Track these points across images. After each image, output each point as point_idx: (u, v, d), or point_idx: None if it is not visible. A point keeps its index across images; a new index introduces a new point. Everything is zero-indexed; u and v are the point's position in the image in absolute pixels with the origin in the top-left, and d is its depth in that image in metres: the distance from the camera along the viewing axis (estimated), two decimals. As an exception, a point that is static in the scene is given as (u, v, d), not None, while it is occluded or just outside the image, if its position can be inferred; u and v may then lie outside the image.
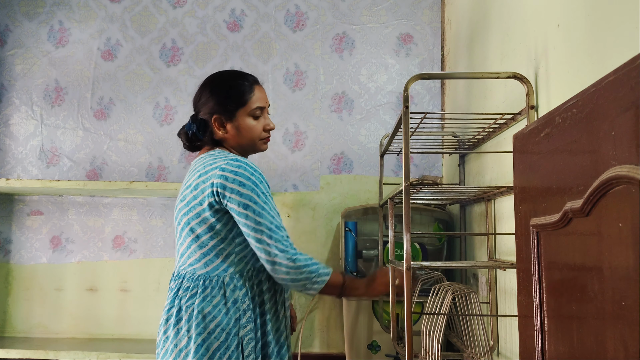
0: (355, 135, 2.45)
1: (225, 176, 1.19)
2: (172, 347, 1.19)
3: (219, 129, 1.31)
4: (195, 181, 1.23)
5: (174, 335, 1.20)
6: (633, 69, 0.56)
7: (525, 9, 1.33)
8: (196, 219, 1.22)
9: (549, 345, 0.82)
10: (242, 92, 1.31)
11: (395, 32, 2.49)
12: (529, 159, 0.90)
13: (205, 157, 1.28)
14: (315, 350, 2.35)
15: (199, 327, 1.17)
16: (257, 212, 1.18)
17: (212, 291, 1.20)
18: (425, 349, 1.28)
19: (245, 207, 1.18)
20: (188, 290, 1.22)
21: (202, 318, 1.17)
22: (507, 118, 1.37)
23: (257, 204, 1.18)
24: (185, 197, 1.25)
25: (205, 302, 1.19)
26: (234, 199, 1.18)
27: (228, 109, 1.30)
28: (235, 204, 1.18)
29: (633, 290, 0.56)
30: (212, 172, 1.21)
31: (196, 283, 1.22)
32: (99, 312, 2.43)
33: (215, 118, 1.30)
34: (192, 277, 1.23)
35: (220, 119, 1.30)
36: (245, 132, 1.31)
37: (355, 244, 2.02)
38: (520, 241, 0.94)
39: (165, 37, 2.55)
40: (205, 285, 1.21)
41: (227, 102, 1.30)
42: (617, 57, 0.85)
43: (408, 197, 1.20)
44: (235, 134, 1.31)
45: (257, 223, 1.18)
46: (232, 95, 1.31)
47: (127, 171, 2.49)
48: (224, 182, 1.18)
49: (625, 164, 0.57)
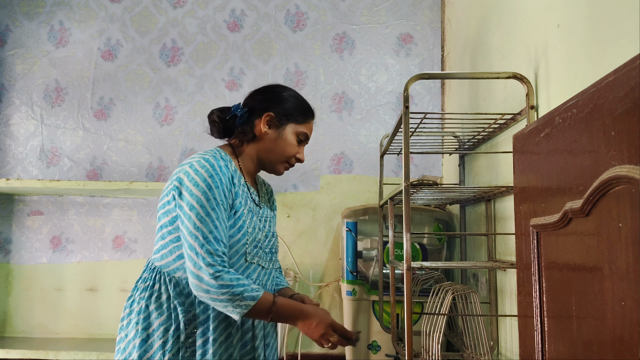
0: (355, 136, 2.45)
1: (187, 172, 1.15)
2: (124, 337, 1.19)
3: (264, 125, 1.27)
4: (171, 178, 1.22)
5: (126, 324, 1.19)
6: (633, 69, 0.56)
7: (525, 9, 1.33)
8: (162, 209, 1.20)
9: (549, 345, 0.82)
10: (304, 111, 1.31)
11: (395, 32, 2.49)
12: (529, 159, 0.90)
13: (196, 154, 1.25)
14: (315, 350, 2.35)
15: (145, 322, 1.15)
16: (199, 217, 1.11)
17: (160, 287, 1.18)
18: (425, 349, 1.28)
19: (191, 208, 1.11)
20: (144, 281, 1.21)
21: (147, 314, 1.16)
22: (507, 118, 1.37)
23: (204, 207, 1.11)
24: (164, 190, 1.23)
25: (153, 297, 1.17)
26: (185, 197, 1.13)
27: (284, 115, 1.27)
28: (184, 203, 1.13)
29: (633, 290, 0.56)
30: (184, 165, 1.18)
31: (150, 275, 1.20)
32: (99, 312, 2.43)
33: (268, 114, 1.27)
34: (150, 268, 1.22)
35: (272, 119, 1.27)
36: (281, 143, 1.28)
37: (355, 244, 2.02)
38: (520, 241, 0.94)
39: (166, 37, 2.55)
40: (156, 280, 1.19)
41: (287, 109, 1.28)
42: (617, 57, 0.85)
43: (408, 197, 1.20)
44: (271, 140, 1.27)
45: (195, 227, 1.10)
46: (295, 108, 1.30)
47: (127, 171, 2.49)
48: (183, 178, 1.15)
49: (625, 164, 0.57)
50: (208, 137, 2.47)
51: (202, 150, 1.27)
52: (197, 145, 2.49)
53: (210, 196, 1.12)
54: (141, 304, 1.17)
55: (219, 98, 2.50)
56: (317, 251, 2.40)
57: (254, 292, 1.12)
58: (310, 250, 2.39)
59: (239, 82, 2.50)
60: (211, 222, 1.11)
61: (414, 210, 2.03)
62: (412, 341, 1.18)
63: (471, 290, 1.34)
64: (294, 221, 2.42)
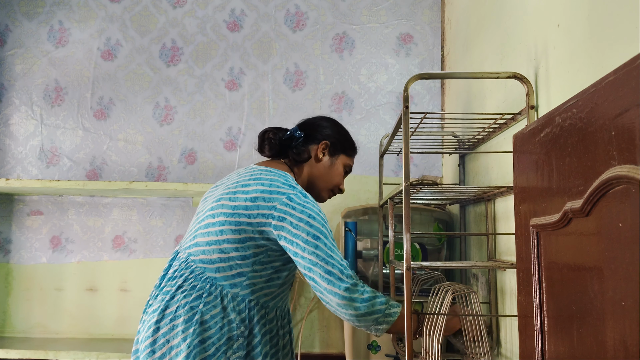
0: (355, 135, 2.44)
1: (293, 206, 1.18)
2: (164, 342, 1.17)
3: (320, 152, 1.38)
4: (256, 193, 1.20)
5: (168, 329, 1.17)
6: (633, 69, 0.56)
7: (525, 9, 1.32)
8: (234, 226, 1.18)
9: (549, 345, 0.82)
10: (352, 146, 1.47)
11: (395, 32, 2.49)
12: (529, 158, 0.90)
13: (274, 172, 1.26)
14: (315, 350, 2.35)
15: (195, 334, 1.15)
16: (328, 247, 1.17)
17: (214, 299, 1.18)
18: (425, 349, 1.28)
19: (316, 238, 1.16)
20: (194, 289, 1.19)
21: (200, 324, 1.16)
22: (507, 118, 1.37)
23: (328, 239, 1.18)
24: (237, 199, 1.20)
25: (205, 308, 1.17)
26: (302, 228, 1.16)
27: (339, 147, 1.41)
28: (304, 233, 1.16)
29: (633, 290, 0.56)
30: (279, 196, 1.18)
31: (203, 285, 1.19)
32: (98, 312, 2.43)
33: (325, 142, 1.39)
34: (200, 276, 1.20)
35: (328, 148, 1.40)
36: (331, 172, 1.40)
37: (355, 244, 2.02)
38: (520, 241, 0.94)
39: (165, 37, 2.55)
40: (211, 292, 1.19)
41: (343, 143, 1.43)
42: (617, 57, 0.85)
43: (408, 197, 1.20)
44: (322, 167, 1.39)
45: (329, 256, 1.16)
46: (348, 141, 1.45)
47: (127, 171, 2.49)
48: (290, 211, 1.17)
49: (625, 164, 0.57)
50: (208, 137, 2.48)
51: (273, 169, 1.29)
52: (197, 145, 2.49)
53: (328, 230, 1.20)
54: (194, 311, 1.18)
55: (219, 98, 2.50)
56: (317, 251, 2.39)
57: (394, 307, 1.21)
58: (310, 250, 2.39)
59: (238, 82, 2.50)
60: (336, 254, 1.19)
61: (414, 210, 2.03)
62: (412, 341, 1.18)
63: (471, 290, 1.33)
64: (294, 221, 2.41)
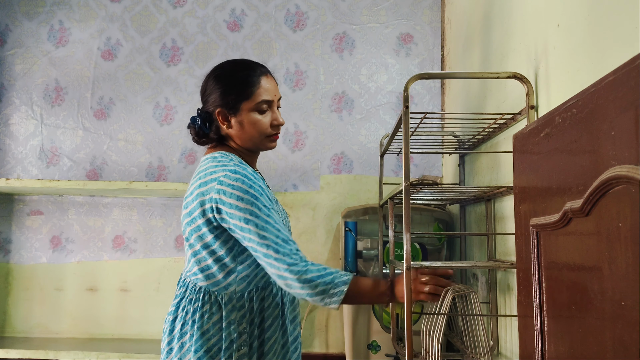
0: (355, 135, 2.45)
1: (223, 190, 1.12)
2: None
3: (222, 123, 1.23)
4: (196, 190, 1.18)
5: (178, 348, 1.18)
6: (633, 69, 0.56)
7: (525, 8, 1.32)
8: (195, 232, 1.18)
9: (549, 345, 0.82)
10: (247, 83, 1.22)
11: (395, 32, 2.48)
12: (529, 159, 0.90)
13: (208, 161, 1.22)
14: (315, 350, 2.35)
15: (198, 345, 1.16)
16: (260, 226, 1.11)
17: (211, 307, 1.17)
18: (425, 349, 1.28)
19: (247, 222, 1.11)
20: (191, 303, 1.19)
21: (201, 334, 1.16)
22: (507, 118, 1.37)
23: (259, 217, 1.11)
24: (188, 206, 1.20)
25: (204, 318, 1.17)
26: (234, 214, 1.11)
27: (232, 102, 1.21)
28: (236, 219, 1.11)
29: (633, 290, 0.56)
30: (211, 184, 1.15)
31: (197, 296, 1.19)
32: (99, 312, 2.43)
33: (219, 111, 1.23)
34: (194, 289, 1.21)
35: (224, 113, 1.23)
36: (249, 128, 1.23)
37: (355, 244, 2.02)
38: (520, 241, 0.94)
39: (166, 37, 2.55)
40: (205, 301, 1.18)
41: (231, 94, 1.22)
42: (617, 57, 0.85)
43: (408, 197, 1.20)
44: (239, 129, 1.23)
45: (261, 237, 1.10)
46: (236, 87, 1.22)
47: (127, 171, 2.49)
48: (222, 197, 1.12)
49: (625, 164, 0.57)
50: (208, 137, 2.48)
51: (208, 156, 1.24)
52: (197, 145, 2.48)
53: (259, 205, 1.12)
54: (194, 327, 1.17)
55: (219, 98, 2.50)
56: (317, 251, 2.40)
57: (343, 277, 1.13)
58: (310, 250, 2.39)
59: (238, 82, 2.50)
60: (273, 227, 1.12)
61: (414, 210, 2.03)
62: (412, 341, 1.18)
63: (471, 290, 1.33)
64: (294, 221, 2.41)
